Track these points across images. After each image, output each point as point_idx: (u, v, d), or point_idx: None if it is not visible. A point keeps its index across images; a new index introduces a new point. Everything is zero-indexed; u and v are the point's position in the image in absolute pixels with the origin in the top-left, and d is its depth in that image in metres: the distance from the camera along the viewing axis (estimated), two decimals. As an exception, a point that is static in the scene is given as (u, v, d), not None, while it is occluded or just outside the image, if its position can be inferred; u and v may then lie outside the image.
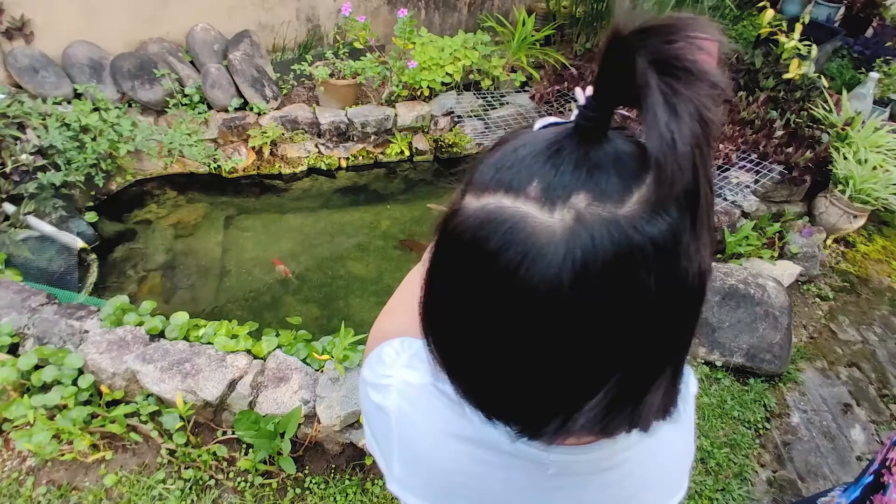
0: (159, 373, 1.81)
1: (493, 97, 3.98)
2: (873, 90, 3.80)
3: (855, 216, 3.25)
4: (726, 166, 3.25)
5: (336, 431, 1.81)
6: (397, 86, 3.45)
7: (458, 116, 3.73)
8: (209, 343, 1.96)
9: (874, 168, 3.19)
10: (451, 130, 3.73)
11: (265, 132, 3.14)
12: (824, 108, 3.60)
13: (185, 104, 3.08)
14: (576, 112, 0.39)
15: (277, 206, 3.33)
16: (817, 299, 3.06)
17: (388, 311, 0.83)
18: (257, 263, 2.96)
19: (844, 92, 3.64)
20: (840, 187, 3.18)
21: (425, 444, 0.54)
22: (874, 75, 3.79)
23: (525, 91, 4.16)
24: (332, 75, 3.31)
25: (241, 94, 3.18)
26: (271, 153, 3.28)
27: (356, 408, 1.78)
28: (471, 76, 3.88)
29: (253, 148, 3.20)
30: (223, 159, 3.16)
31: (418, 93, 3.60)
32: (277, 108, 3.28)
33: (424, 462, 0.55)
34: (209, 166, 3.16)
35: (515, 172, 0.38)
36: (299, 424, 1.75)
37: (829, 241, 3.43)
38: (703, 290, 0.39)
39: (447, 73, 3.50)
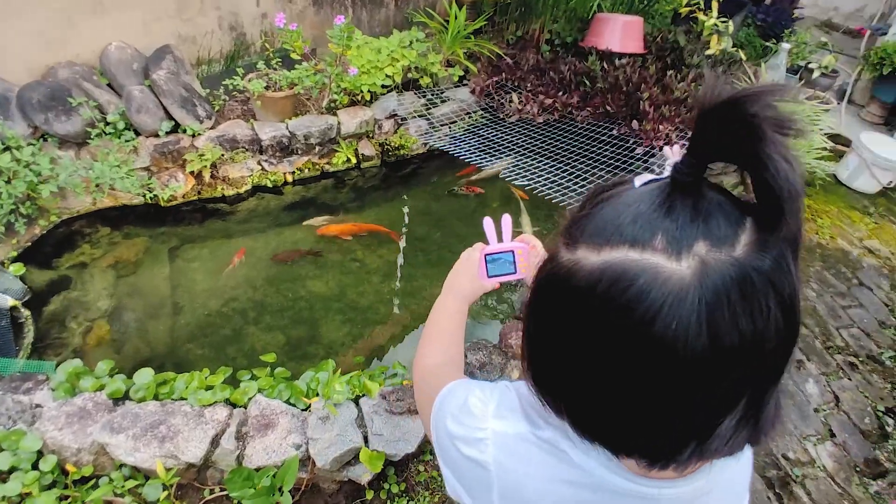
0: (132, 441, 1.67)
1: (433, 94, 3.93)
2: (786, 60, 4.06)
3: (783, 182, 3.48)
4: (667, 146, 3.38)
5: (333, 471, 1.75)
6: (338, 93, 3.32)
7: (402, 118, 3.65)
8: (182, 399, 1.83)
9: (796, 135, 3.42)
10: (396, 132, 3.65)
11: (203, 155, 2.94)
12: (746, 82, 3.81)
13: (110, 133, 2.82)
14: (670, 169, 0.45)
15: (223, 230, 3.15)
16: (760, 264, 3.27)
17: (427, 347, 0.87)
18: (212, 294, 2.79)
19: (763, 65, 3.87)
20: (769, 157, 3.39)
21: (531, 493, 0.55)
22: (786, 46, 4.05)
23: (464, 85, 4.13)
24: (267, 88, 3.13)
25: (170, 117, 2.95)
26: (212, 176, 3.08)
27: (353, 444, 1.73)
28: (409, 75, 3.80)
29: (191, 172, 2.99)
30: (159, 188, 2.93)
31: (359, 98, 3.48)
32: (212, 128, 3.07)
33: None
34: (145, 196, 2.93)
35: (638, 227, 0.42)
36: (293, 470, 1.68)
37: (762, 207, 3.66)
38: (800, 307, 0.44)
39: (387, 76, 3.41)
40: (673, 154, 0.46)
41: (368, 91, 3.38)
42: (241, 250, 2.90)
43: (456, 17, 3.81)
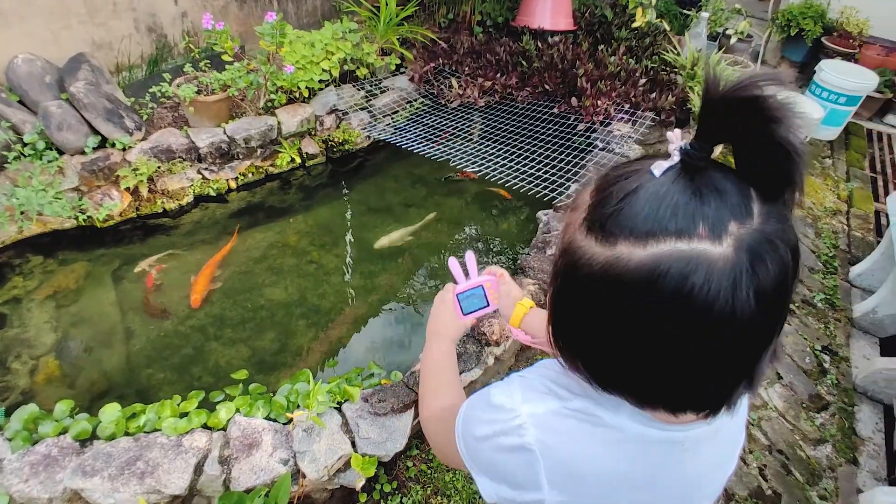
0: (109, 482, 1.59)
1: (372, 85, 3.86)
2: (706, 28, 4.26)
3: (714, 145, 3.68)
4: (607, 121, 3.49)
5: (325, 481, 1.75)
6: (274, 92, 3.20)
7: (343, 112, 3.57)
8: (156, 430, 1.76)
9: (722, 100, 3.62)
10: (338, 127, 3.57)
11: (137, 169, 2.76)
12: (672, 52, 3.98)
13: (29, 154, 2.59)
14: (678, 153, 0.48)
15: (168, 245, 3.00)
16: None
17: (431, 394, 0.88)
18: (165, 315, 2.66)
19: (686, 35, 4.04)
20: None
21: (578, 462, 0.58)
22: (705, 15, 4.24)
23: (401, 73, 4.08)
24: (199, 92, 2.97)
25: (96, 131, 2.74)
26: (150, 190, 2.91)
27: (342, 452, 1.72)
28: (345, 67, 3.71)
29: (127, 189, 2.81)
30: (92, 208, 2.74)
31: (297, 95, 3.37)
32: (143, 139, 2.89)
33: (580, 478, 0.59)
34: (77, 219, 2.73)
35: (681, 219, 0.45)
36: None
37: (696, 170, 3.86)
38: None
39: (323, 70, 3.31)
40: (675, 139, 0.49)
41: (306, 87, 3.27)
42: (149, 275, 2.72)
43: (387, 4, 3.74)
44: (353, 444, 1.79)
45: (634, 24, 4.04)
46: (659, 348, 0.47)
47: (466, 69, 3.97)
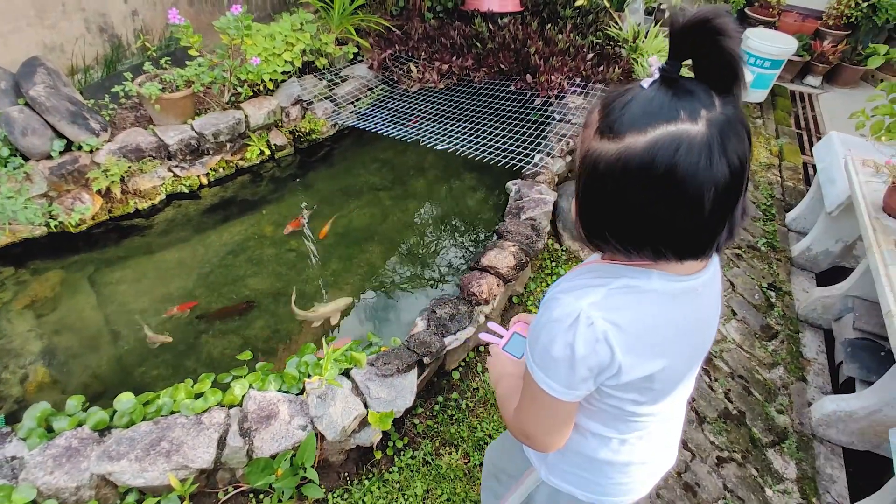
0: (137, 464, 1.65)
1: (332, 75, 3.91)
2: (643, 4, 4.53)
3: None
4: (562, 94, 3.69)
5: (342, 442, 1.86)
6: (241, 86, 3.21)
7: (308, 102, 3.62)
8: (174, 412, 1.82)
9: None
10: (304, 118, 3.62)
11: (107, 170, 2.74)
12: (615, 27, 4.22)
13: (-6, 163, 2.54)
14: (657, 70, 0.67)
15: (144, 245, 2.99)
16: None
17: (511, 408, 0.96)
18: (150, 313, 2.68)
19: (626, 10, 4.29)
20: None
21: (636, 324, 0.75)
22: (641, -9, 4.50)
23: (359, 62, 4.14)
24: (163, 89, 2.95)
25: (60, 135, 2.70)
26: (122, 191, 2.88)
27: (357, 412, 1.84)
28: (304, 57, 3.75)
29: (98, 191, 2.78)
30: (64, 213, 2.70)
31: (260, 87, 3.39)
32: (110, 140, 2.86)
33: (640, 336, 0.76)
34: (49, 225, 2.69)
35: (667, 110, 0.63)
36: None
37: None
38: None
39: (286, 61, 3.35)
40: (655, 62, 0.63)
41: (270, 79, 3.30)
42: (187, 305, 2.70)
43: (339, -6, 3.78)
44: (366, 405, 1.90)
45: (577, 3, 4.24)
46: (661, 208, 0.64)
47: (423, 54, 4.08)
